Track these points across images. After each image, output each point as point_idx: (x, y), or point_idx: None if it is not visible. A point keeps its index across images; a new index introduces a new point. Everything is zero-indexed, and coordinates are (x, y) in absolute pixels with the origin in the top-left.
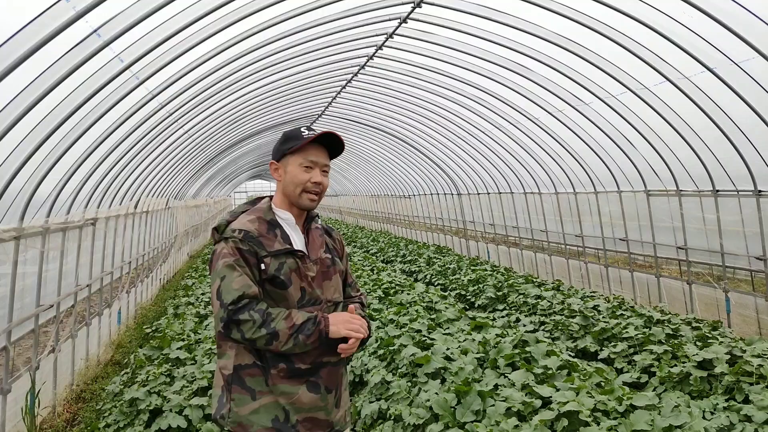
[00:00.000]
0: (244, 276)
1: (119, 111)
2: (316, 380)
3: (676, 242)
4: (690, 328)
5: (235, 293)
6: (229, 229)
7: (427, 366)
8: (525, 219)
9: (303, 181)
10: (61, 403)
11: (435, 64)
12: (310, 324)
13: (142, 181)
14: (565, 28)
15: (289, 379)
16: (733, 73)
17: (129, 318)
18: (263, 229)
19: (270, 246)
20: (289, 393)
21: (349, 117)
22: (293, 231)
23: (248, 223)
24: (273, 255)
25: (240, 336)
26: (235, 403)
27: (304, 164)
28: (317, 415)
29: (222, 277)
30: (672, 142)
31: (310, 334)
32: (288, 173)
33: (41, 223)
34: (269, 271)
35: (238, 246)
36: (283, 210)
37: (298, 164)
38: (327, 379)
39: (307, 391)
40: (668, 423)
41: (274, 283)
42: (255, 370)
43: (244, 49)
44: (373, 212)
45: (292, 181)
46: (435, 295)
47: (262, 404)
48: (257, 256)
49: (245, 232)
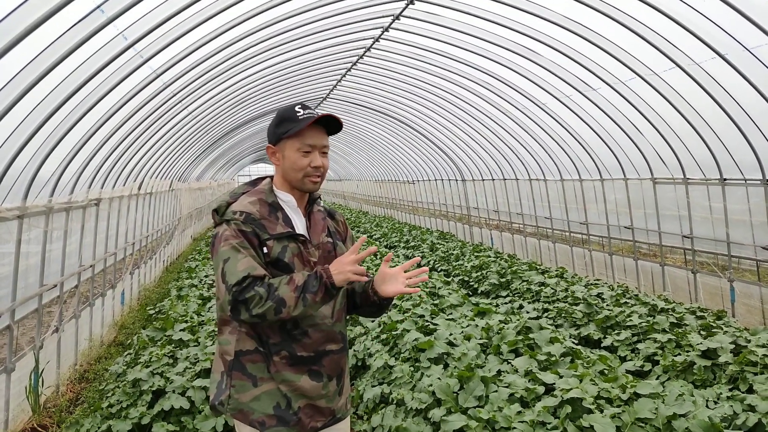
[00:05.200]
0: (248, 257)
1: (123, 90)
2: (318, 368)
3: (682, 231)
4: (694, 317)
5: (240, 274)
6: (230, 211)
7: (430, 351)
8: (530, 206)
9: (303, 166)
10: (65, 383)
11: (441, 47)
12: (312, 280)
13: (146, 162)
14: (574, 12)
15: (291, 366)
16: (744, 59)
17: (132, 299)
18: (265, 212)
19: (272, 229)
20: (290, 380)
21: (354, 100)
22: (295, 214)
23: (249, 204)
24: (276, 238)
25: (248, 315)
26: (235, 389)
27: (303, 149)
28: (319, 403)
29: (226, 260)
30: (680, 130)
31: (316, 291)
32: (286, 158)
33: (45, 202)
34: (272, 254)
35: (241, 228)
36: (285, 192)
37: (296, 149)
38: (329, 367)
39: (309, 379)
40: (672, 411)
41: (278, 266)
42: (257, 356)
43: (249, 28)
44: (376, 197)
45: (292, 167)
46: (438, 280)
47: (263, 391)
48: (260, 239)
49: (247, 213)
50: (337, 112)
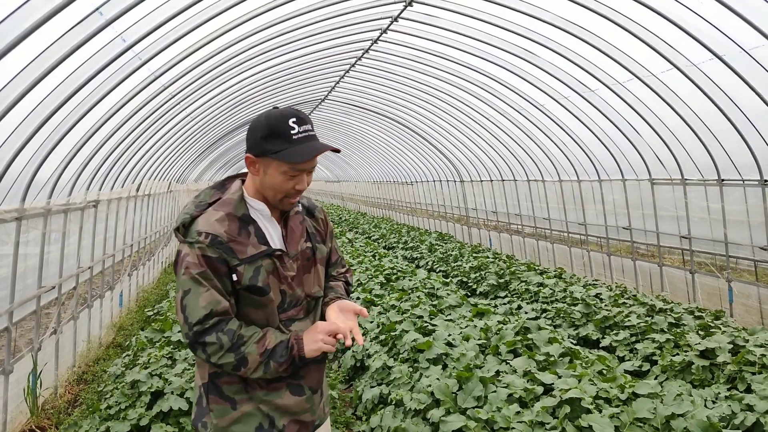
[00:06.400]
0: (211, 291)
1: (121, 92)
2: (298, 382)
3: (680, 231)
4: (692, 317)
5: (201, 311)
6: (195, 230)
7: (429, 352)
8: (528, 207)
9: (286, 189)
10: (63, 384)
11: (440, 49)
12: (282, 349)
13: (144, 163)
14: (572, 13)
15: (269, 384)
16: (742, 60)
17: (131, 301)
18: (234, 230)
19: (242, 252)
20: (270, 399)
21: (352, 102)
22: (269, 224)
23: (216, 223)
24: (247, 262)
25: (205, 357)
26: (214, 414)
27: (290, 173)
28: (303, 418)
29: (186, 291)
30: (678, 131)
31: (282, 361)
32: (268, 176)
33: (43, 204)
34: (243, 281)
35: (205, 254)
36: (258, 200)
37: (282, 171)
38: (309, 378)
39: (290, 394)
40: (670, 411)
41: (251, 291)
42: (232, 378)
43: (247, 30)
44: (375, 198)
45: (272, 186)
46: (437, 281)
47: (243, 413)
48: (228, 265)
49: (213, 236)
50: (336, 113)
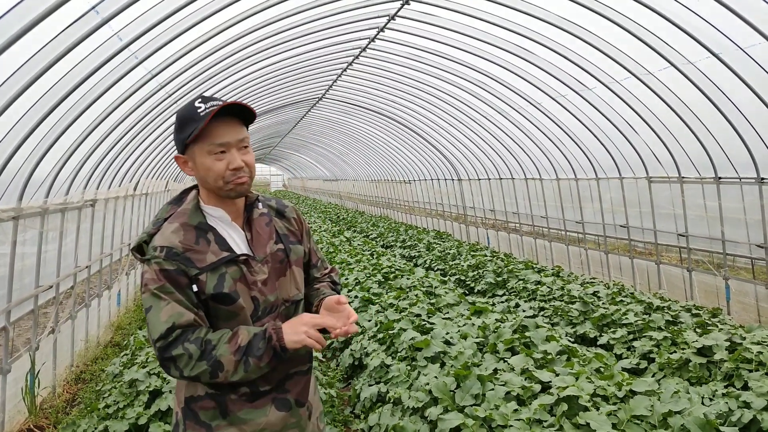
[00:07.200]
0: (172, 304)
1: (118, 91)
2: (284, 396)
3: (677, 229)
4: (690, 314)
5: (163, 326)
6: (151, 246)
7: (427, 350)
8: (525, 205)
9: (220, 172)
10: (61, 384)
11: (437, 47)
12: (259, 341)
13: (142, 162)
14: (569, 12)
15: (252, 402)
16: (738, 58)
17: (129, 300)
18: (190, 240)
19: (201, 261)
20: (253, 418)
21: (350, 100)
22: (231, 230)
23: (171, 235)
24: (208, 270)
25: (179, 374)
26: None
27: (214, 150)
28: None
29: (148, 309)
30: (675, 129)
31: (261, 355)
32: (199, 166)
33: (40, 203)
34: (207, 289)
35: (163, 267)
36: (213, 206)
37: (206, 152)
38: (295, 391)
39: (276, 410)
40: (668, 408)
41: (219, 300)
42: (207, 402)
43: (244, 29)
44: (373, 197)
45: (207, 174)
46: (435, 280)
47: None
48: (188, 275)
49: (167, 248)
50: (333, 111)
